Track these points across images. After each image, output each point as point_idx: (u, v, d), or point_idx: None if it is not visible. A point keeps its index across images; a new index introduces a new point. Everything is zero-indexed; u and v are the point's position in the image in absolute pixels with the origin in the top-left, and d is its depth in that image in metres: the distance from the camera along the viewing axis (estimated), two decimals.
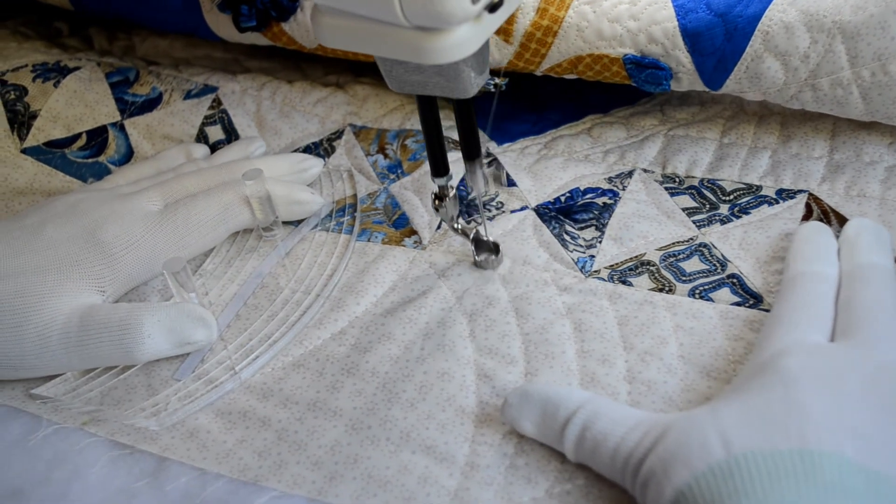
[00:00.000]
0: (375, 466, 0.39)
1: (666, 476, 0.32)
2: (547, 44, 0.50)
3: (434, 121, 0.43)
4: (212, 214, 0.49)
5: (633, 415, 0.36)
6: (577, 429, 0.36)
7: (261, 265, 0.49)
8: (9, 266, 0.44)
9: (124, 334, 0.43)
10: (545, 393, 0.38)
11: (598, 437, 0.35)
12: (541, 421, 0.37)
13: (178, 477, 0.40)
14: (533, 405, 0.38)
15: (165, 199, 0.49)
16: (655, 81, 0.49)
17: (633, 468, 0.34)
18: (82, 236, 0.46)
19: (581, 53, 0.50)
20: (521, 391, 0.38)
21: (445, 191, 0.45)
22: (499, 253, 0.47)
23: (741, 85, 0.48)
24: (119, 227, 0.47)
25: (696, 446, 0.32)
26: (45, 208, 0.48)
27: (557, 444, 0.37)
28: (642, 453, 0.34)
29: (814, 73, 0.46)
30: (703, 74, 0.48)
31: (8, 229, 0.47)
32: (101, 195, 0.49)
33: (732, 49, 0.47)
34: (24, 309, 0.43)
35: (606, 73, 0.50)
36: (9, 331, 0.43)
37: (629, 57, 0.48)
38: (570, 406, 0.37)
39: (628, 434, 0.35)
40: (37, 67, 0.61)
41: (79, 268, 0.45)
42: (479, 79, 0.38)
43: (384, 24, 0.34)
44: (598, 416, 0.36)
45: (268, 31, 0.58)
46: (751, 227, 0.47)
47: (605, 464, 0.35)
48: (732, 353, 0.41)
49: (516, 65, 0.52)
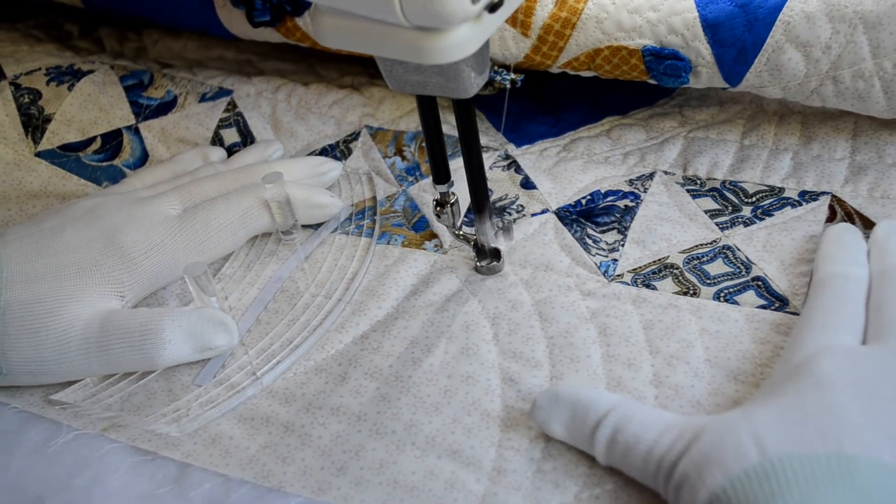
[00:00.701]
0: (401, 472, 0.38)
1: (700, 479, 0.32)
2: (565, 36, 0.50)
3: (434, 123, 0.42)
4: (231, 218, 0.48)
5: (664, 418, 0.36)
6: (609, 432, 0.36)
7: (280, 269, 0.49)
8: (27, 271, 0.44)
9: (145, 339, 0.43)
10: (575, 395, 0.37)
11: (630, 441, 0.35)
12: (571, 423, 0.37)
13: (201, 483, 0.39)
14: (563, 407, 0.37)
15: (184, 203, 0.49)
16: (675, 73, 0.48)
17: (666, 471, 0.34)
18: (101, 241, 0.46)
19: (599, 46, 0.49)
20: (551, 393, 0.38)
21: (447, 197, 0.45)
22: (500, 259, 0.47)
23: (761, 78, 0.48)
24: (138, 231, 0.46)
25: (730, 449, 0.32)
26: (63, 212, 0.48)
27: (588, 447, 0.37)
28: (675, 456, 0.34)
29: (835, 65, 0.46)
30: (723, 67, 0.48)
31: (26, 233, 0.46)
32: (119, 199, 0.49)
33: (753, 40, 0.46)
34: (43, 314, 0.43)
35: (624, 67, 0.50)
36: (28, 336, 0.42)
37: (648, 48, 0.48)
38: (601, 409, 0.36)
39: (660, 437, 0.35)
40: (50, 71, 0.61)
41: (98, 272, 0.45)
42: (479, 79, 0.38)
43: (384, 24, 0.34)
44: (629, 419, 0.36)
45: (281, 27, 0.57)
46: (774, 230, 0.47)
47: (637, 467, 0.35)
48: (759, 357, 0.41)
49: (533, 59, 0.51)
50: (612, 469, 0.37)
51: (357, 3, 0.34)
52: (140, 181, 0.53)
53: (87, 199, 0.50)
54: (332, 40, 0.36)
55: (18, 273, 0.44)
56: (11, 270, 0.44)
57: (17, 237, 0.46)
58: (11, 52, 0.64)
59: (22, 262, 0.44)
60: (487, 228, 0.45)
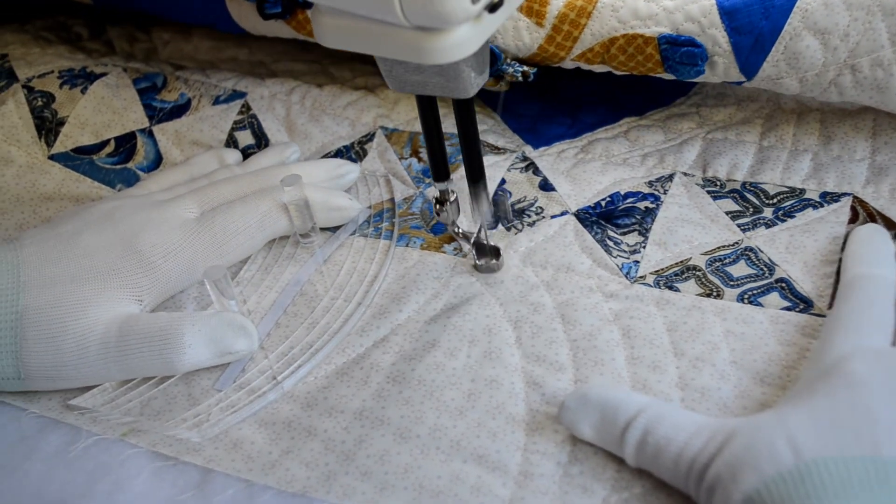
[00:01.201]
0: (427, 476, 0.38)
1: (734, 481, 0.32)
2: (580, 25, 0.49)
3: (434, 122, 0.43)
4: (250, 222, 0.48)
5: (695, 419, 0.35)
6: (639, 433, 0.35)
7: (299, 272, 0.49)
8: (45, 275, 0.44)
9: (164, 344, 0.43)
10: (604, 396, 0.37)
11: (661, 442, 0.35)
12: (600, 425, 0.37)
13: (224, 489, 0.39)
14: (591, 409, 0.37)
15: (202, 206, 0.49)
16: (691, 61, 0.47)
17: (698, 474, 0.34)
18: (119, 244, 0.46)
19: (615, 34, 0.49)
20: (580, 394, 0.38)
21: (446, 195, 0.45)
22: (500, 257, 0.47)
23: (778, 69, 0.47)
24: (156, 235, 0.46)
25: (764, 452, 0.32)
26: (80, 216, 0.48)
27: (617, 448, 0.37)
28: (707, 459, 0.33)
29: (853, 53, 0.45)
30: (740, 56, 0.47)
31: (42, 237, 0.46)
32: (136, 202, 0.48)
33: (770, 27, 0.46)
34: (61, 318, 0.42)
35: (639, 57, 0.49)
36: (46, 340, 0.42)
37: (664, 36, 0.47)
38: (631, 410, 0.36)
39: (692, 439, 0.34)
40: (63, 73, 0.61)
41: (116, 277, 0.45)
42: (479, 79, 0.38)
43: (384, 24, 0.34)
44: (659, 421, 0.35)
45: (292, 20, 0.57)
46: (797, 231, 0.46)
47: (668, 469, 0.35)
48: (786, 359, 0.41)
49: (546, 50, 0.51)
50: (641, 472, 0.37)
51: (357, 3, 0.34)
52: (156, 184, 0.53)
53: (104, 202, 0.49)
54: (332, 40, 0.37)
55: (36, 277, 0.44)
56: (29, 274, 0.44)
57: (34, 241, 0.46)
58: (23, 55, 0.64)
59: (39, 265, 0.44)
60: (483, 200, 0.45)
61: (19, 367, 0.42)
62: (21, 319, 0.42)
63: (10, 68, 0.62)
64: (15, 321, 0.42)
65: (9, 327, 0.42)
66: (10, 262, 0.44)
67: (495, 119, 0.58)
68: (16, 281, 0.43)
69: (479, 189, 0.44)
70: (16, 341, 0.42)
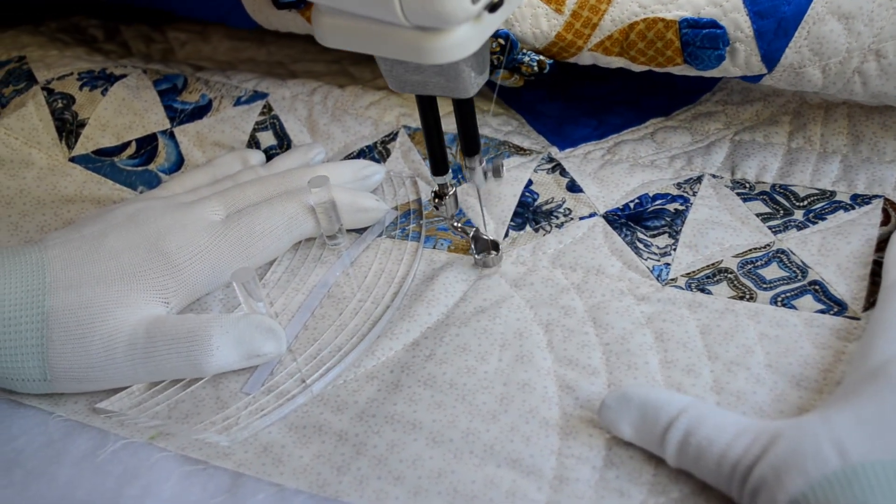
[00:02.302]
0: (461, 480, 0.37)
1: (779, 484, 0.31)
2: (600, 11, 0.48)
3: (434, 120, 0.43)
4: (277, 224, 0.48)
5: (738, 421, 0.35)
6: (680, 434, 0.35)
7: (326, 274, 0.48)
8: (71, 277, 0.43)
9: (192, 346, 0.42)
10: (645, 396, 0.37)
11: (703, 444, 0.34)
12: (640, 425, 0.36)
13: (255, 493, 0.38)
14: (632, 408, 0.37)
15: (227, 208, 0.48)
16: (713, 44, 0.46)
17: (742, 476, 0.33)
18: (145, 246, 0.45)
19: (635, 19, 0.48)
20: (620, 394, 0.37)
21: (445, 189, 0.46)
22: (499, 250, 0.47)
23: (801, 55, 0.46)
24: (182, 237, 0.46)
25: (810, 454, 0.32)
26: (104, 218, 0.47)
27: (658, 448, 0.36)
28: (751, 461, 0.33)
29: (878, 38, 0.45)
30: (762, 41, 0.46)
31: (67, 239, 0.46)
32: (160, 204, 0.48)
33: (794, 11, 0.45)
34: (89, 320, 0.42)
35: (659, 44, 0.48)
36: (73, 342, 0.42)
37: (686, 19, 0.47)
38: (672, 410, 0.36)
39: (735, 441, 0.34)
40: (83, 75, 0.61)
41: (143, 278, 0.44)
42: (479, 79, 0.38)
43: (384, 24, 0.34)
44: (702, 422, 0.35)
45: (307, 10, 0.56)
46: (829, 233, 0.46)
47: (710, 470, 0.34)
48: (822, 362, 0.40)
49: (564, 38, 0.49)
50: (679, 476, 0.37)
51: (357, 3, 0.34)
52: (180, 186, 0.52)
53: (128, 203, 0.49)
54: (333, 40, 0.37)
55: (61, 279, 0.43)
56: (54, 276, 0.43)
57: (58, 242, 0.45)
58: (41, 57, 0.63)
59: (64, 267, 0.44)
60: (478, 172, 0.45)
61: (45, 368, 0.42)
62: (47, 321, 0.42)
63: (28, 70, 0.62)
64: (41, 322, 0.42)
65: (35, 329, 0.42)
66: (36, 263, 0.43)
67: (520, 120, 0.58)
68: (41, 282, 0.43)
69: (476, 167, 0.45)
70: (42, 343, 0.42)
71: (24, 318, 0.41)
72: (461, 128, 0.42)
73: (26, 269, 0.43)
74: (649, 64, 0.50)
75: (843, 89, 0.48)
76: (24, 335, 0.41)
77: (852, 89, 0.47)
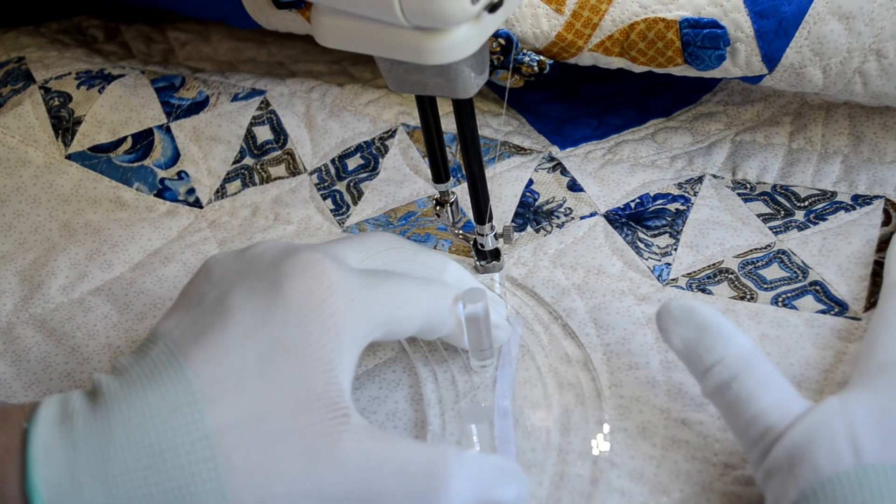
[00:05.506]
0: None
1: (791, 475, 0.31)
2: (601, 11, 0.48)
3: (434, 123, 0.43)
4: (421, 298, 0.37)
5: (784, 386, 0.34)
6: (726, 375, 0.34)
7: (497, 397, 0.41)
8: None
9: (429, 487, 0.32)
10: (710, 320, 0.35)
11: (743, 395, 0.33)
12: (693, 346, 0.35)
13: None
14: (692, 326, 0.35)
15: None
16: (713, 44, 0.46)
17: (766, 446, 0.33)
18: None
19: (636, 19, 0.48)
20: (687, 307, 0.36)
21: (446, 196, 0.46)
22: (499, 258, 0.47)
23: (802, 55, 0.46)
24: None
25: (825, 448, 0.31)
26: (213, 273, 0.37)
27: (698, 375, 0.35)
28: (777, 434, 0.32)
29: (879, 37, 0.44)
30: (763, 41, 0.46)
31: (185, 317, 0.35)
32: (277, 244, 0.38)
33: (794, 11, 0.45)
34: (278, 434, 0.32)
35: (659, 44, 0.47)
36: (266, 466, 0.32)
37: (686, 19, 0.47)
38: (729, 347, 0.34)
39: (774, 406, 0.33)
40: (80, 75, 0.60)
41: (310, 353, 0.33)
42: (478, 79, 0.38)
43: (384, 24, 0.34)
44: (751, 370, 0.34)
45: (306, 11, 0.56)
46: (829, 234, 0.46)
47: (739, 425, 0.34)
48: (822, 363, 0.40)
49: (565, 38, 0.49)
50: (679, 476, 0.37)
51: (357, 3, 0.34)
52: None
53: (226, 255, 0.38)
54: (332, 40, 0.36)
55: (212, 383, 0.32)
56: (200, 377, 0.32)
57: (179, 325, 0.34)
58: (40, 58, 0.63)
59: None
60: (487, 234, 0.45)
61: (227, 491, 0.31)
62: (213, 444, 0.30)
63: (27, 70, 0.61)
64: (207, 448, 0.30)
65: (201, 458, 0.30)
66: (167, 362, 0.32)
67: (520, 120, 0.58)
68: (189, 391, 0.31)
69: (484, 229, 0.44)
70: (218, 475, 0.30)
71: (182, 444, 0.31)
72: (461, 131, 0.42)
73: (164, 377, 0.32)
74: (650, 64, 0.50)
75: (844, 90, 0.47)
76: None
77: (853, 89, 0.47)
